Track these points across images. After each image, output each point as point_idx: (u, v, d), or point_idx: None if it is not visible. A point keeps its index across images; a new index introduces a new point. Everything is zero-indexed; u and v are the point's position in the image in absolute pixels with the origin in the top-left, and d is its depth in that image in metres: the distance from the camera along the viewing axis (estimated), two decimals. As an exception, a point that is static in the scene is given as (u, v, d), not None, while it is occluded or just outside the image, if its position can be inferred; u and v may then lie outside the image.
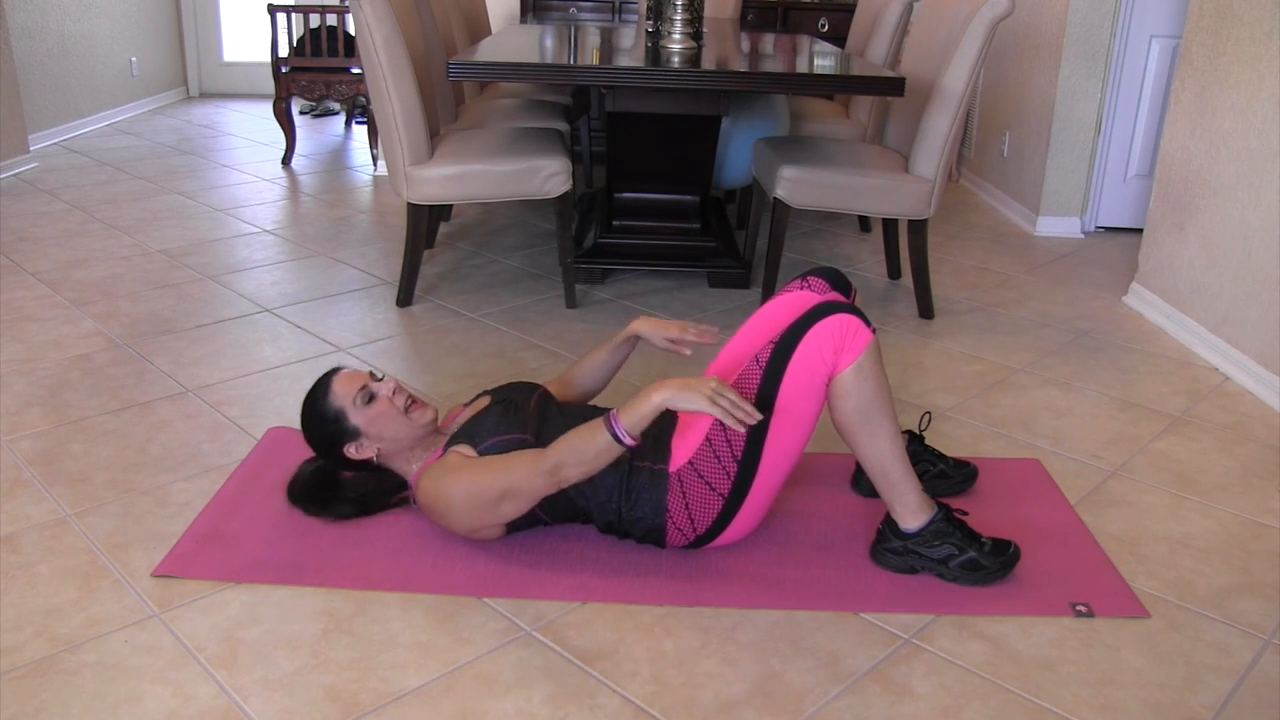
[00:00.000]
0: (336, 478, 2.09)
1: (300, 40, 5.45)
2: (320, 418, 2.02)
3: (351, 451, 2.02)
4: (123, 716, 1.55)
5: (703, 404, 1.72)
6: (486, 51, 3.27)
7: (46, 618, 1.76)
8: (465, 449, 1.94)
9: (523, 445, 1.92)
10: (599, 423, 1.77)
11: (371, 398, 2.01)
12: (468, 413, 2.13)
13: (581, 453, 1.78)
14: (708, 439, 1.88)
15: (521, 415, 2.00)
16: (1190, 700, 1.66)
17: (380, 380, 2.05)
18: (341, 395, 2.01)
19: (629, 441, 1.75)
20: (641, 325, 2.13)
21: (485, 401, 2.11)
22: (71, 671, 1.64)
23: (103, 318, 3.13)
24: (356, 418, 2.00)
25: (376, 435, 2.01)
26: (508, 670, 1.68)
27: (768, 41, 4.14)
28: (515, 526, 1.98)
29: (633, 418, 1.75)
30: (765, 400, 1.85)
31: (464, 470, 1.89)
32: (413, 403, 2.04)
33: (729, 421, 1.72)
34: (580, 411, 2.08)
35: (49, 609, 1.79)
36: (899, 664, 1.72)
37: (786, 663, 1.71)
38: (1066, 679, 1.70)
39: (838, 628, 1.81)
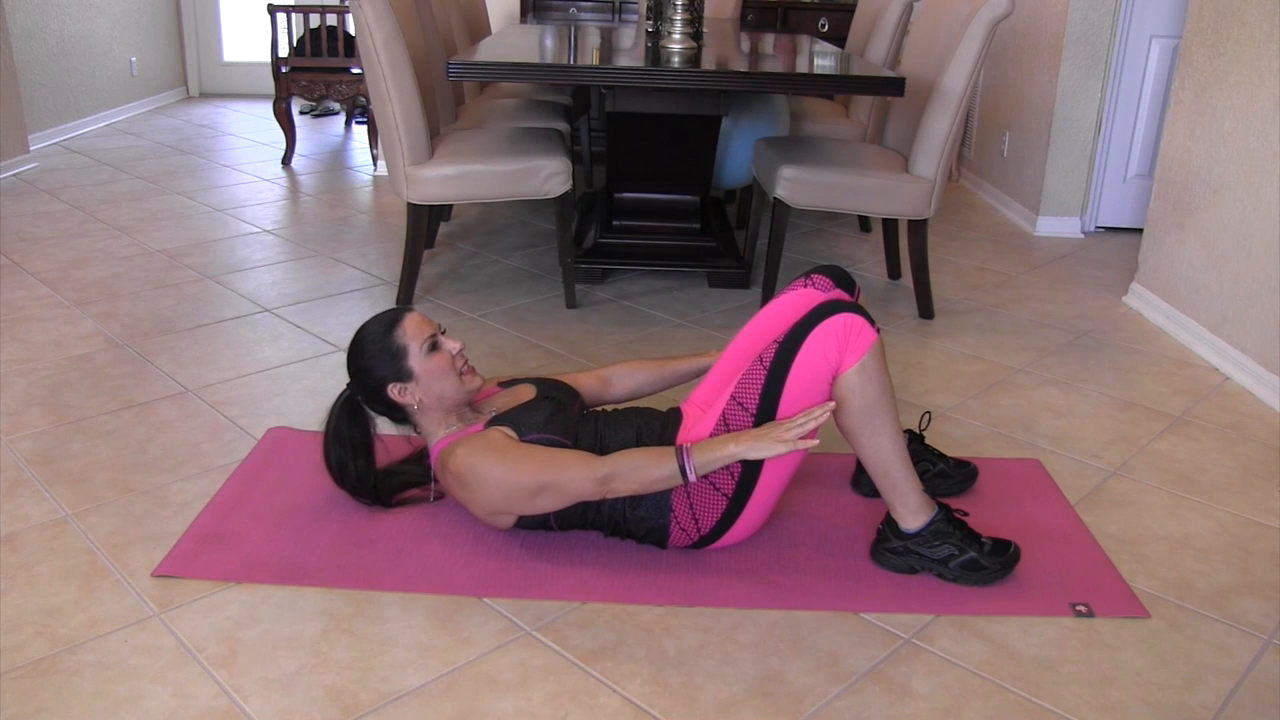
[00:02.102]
0: (366, 415, 2.05)
1: (300, 40, 5.45)
2: (379, 347, 1.97)
3: (394, 392, 1.98)
4: (123, 716, 1.55)
5: (781, 449, 1.79)
6: (486, 51, 3.27)
7: (46, 618, 1.76)
8: (509, 432, 1.93)
9: (564, 449, 1.92)
10: (669, 451, 1.81)
11: (435, 347, 1.98)
12: (505, 394, 2.12)
13: (642, 473, 1.81)
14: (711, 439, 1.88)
15: (568, 420, 2.00)
16: (1190, 700, 1.66)
17: (445, 335, 2.03)
18: (410, 334, 1.97)
19: (693, 479, 1.80)
20: (720, 356, 2.19)
21: (530, 392, 2.09)
22: (71, 671, 1.64)
23: (103, 318, 3.13)
24: (415, 362, 1.96)
25: (427, 386, 1.97)
26: (508, 670, 1.68)
27: (768, 41, 4.14)
28: (526, 524, 1.97)
29: (705, 458, 1.79)
30: (770, 399, 1.85)
31: (507, 451, 1.87)
32: (468, 368, 2.02)
33: (805, 445, 1.79)
34: (618, 429, 2.03)
35: (49, 609, 1.79)
36: (899, 664, 1.72)
37: (786, 663, 1.71)
38: (1066, 679, 1.70)
39: (838, 628, 1.81)
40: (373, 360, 1.98)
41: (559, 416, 1.98)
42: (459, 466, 1.91)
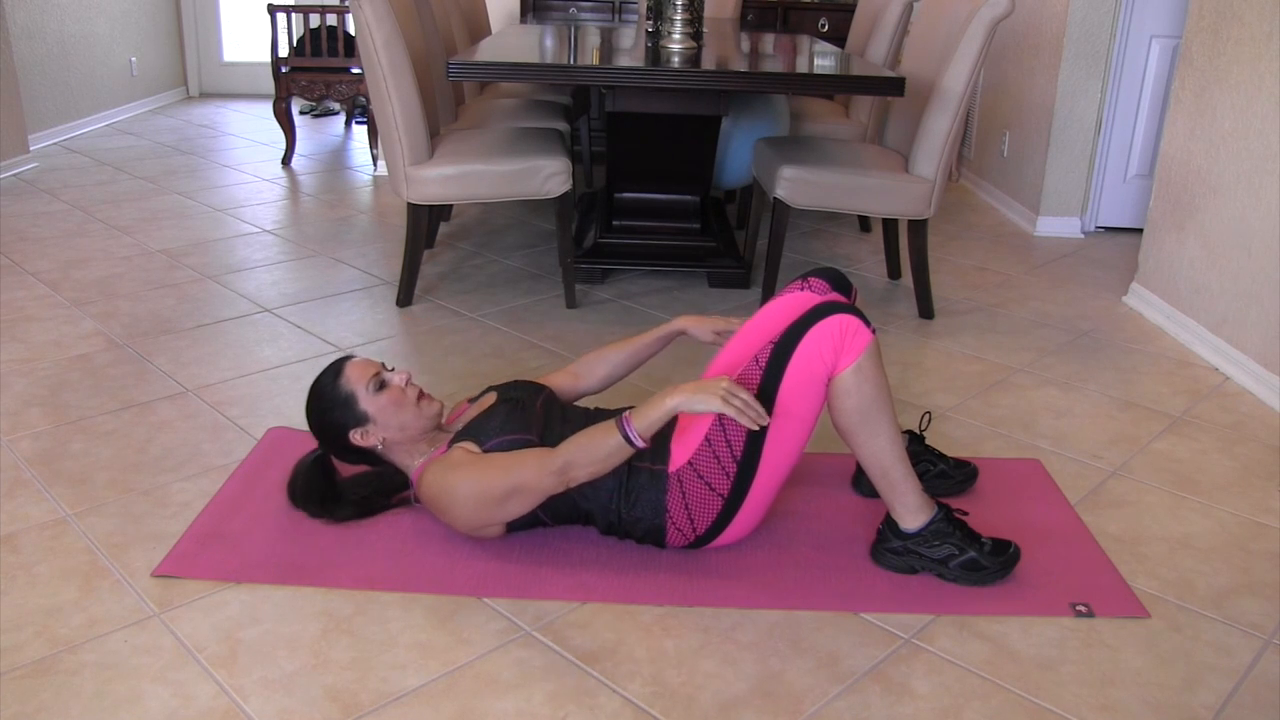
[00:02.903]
0: (336, 471, 2.09)
1: (300, 40, 5.45)
2: (330, 400, 2.01)
3: (357, 438, 2.01)
4: (123, 716, 1.55)
5: (716, 404, 1.74)
6: (486, 51, 3.27)
7: (46, 618, 1.76)
8: (470, 446, 1.94)
9: (527, 446, 1.92)
10: (610, 424, 1.79)
11: (383, 385, 2.02)
12: (473, 409, 2.13)
13: (592, 453, 1.80)
14: (707, 439, 1.88)
15: (527, 415, 2.00)
16: (1190, 700, 1.66)
17: (392, 371, 2.06)
18: (354, 380, 2.01)
19: (640, 443, 1.78)
20: (685, 321, 2.19)
21: (491, 398, 2.11)
22: (71, 671, 1.64)
23: (103, 318, 3.13)
24: (366, 404, 2.00)
25: (384, 423, 2.01)
26: (508, 670, 1.68)
27: (768, 41, 4.14)
28: (515, 526, 1.98)
29: (645, 420, 1.77)
30: (765, 400, 1.85)
31: (470, 466, 1.89)
32: (422, 395, 2.05)
33: (743, 420, 1.73)
34: (584, 415, 2.08)
35: (49, 609, 1.79)
36: (899, 664, 1.72)
37: (786, 663, 1.71)
38: (1066, 679, 1.70)
39: (838, 628, 1.81)
40: (327, 414, 2.02)
41: (517, 414, 1.99)
42: (429, 492, 1.94)
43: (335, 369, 2.05)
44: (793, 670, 1.70)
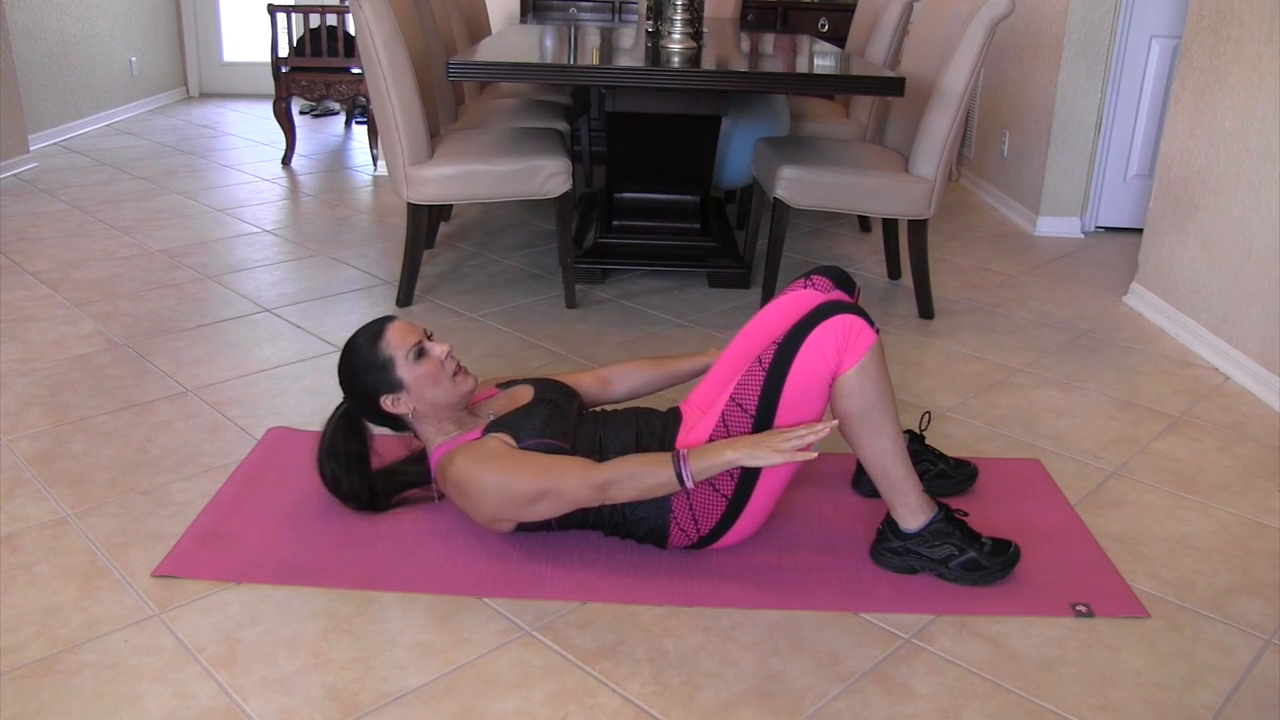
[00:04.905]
0: (364, 429, 2.06)
1: (300, 40, 5.45)
2: (366, 362, 1.96)
3: (388, 403, 1.97)
4: (123, 716, 1.55)
5: (776, 458, 1.76)
6: (486, 51, 3.27)
7: (46, 618, 1.76)
8: (507, 439, 1.92)
9: (561, 454, 1.91)
10: (666, 459, 1.80)
11: (422, 354, 1.97)
12: (503, 397, 2.11)
13: (640, 480, 1.81)
14: (711, 440, 1.88)
15: (565, 422, 1.99)
16: (1190, 700, 1.66)
17: (432, 339, 2.02)
18: (394, 344, 1.96)
19: (690, 486, 1.79)
20: (719, 354, 2.20)
21: (528, 393, 2.08)
22: (71, 671, 1.64)
23: (103, 318, 3.13)
24: (404, 371, 1.95)
25: (418, 394, 1.96)
26: (508, 670, 1.68)
27: (768, 41, 4.14)
28: (526, 527, 1.97)
29: (701, 465, 1.78)
30: (769, 400, 1.85)
31: (505, 459, 1.87)
32: (459, 369, 2.01)
33: (803, 458, 1.76)
34: (617, 430, 2.03)
35: (49, 609, 1.79)
36: (899, 664, 1.72)
37: (786, 663, 1.71)
38: (1066, 679, 1.70)
39: (838, 628, 1.81)
40: (362, 375, 1.98)
41: (557, 419, 1.98)
42: (458, 475, 1.91)
43: (376, 330, 1.98)
44: (793, 670, 1.70)
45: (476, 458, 1.89)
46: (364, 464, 2.06)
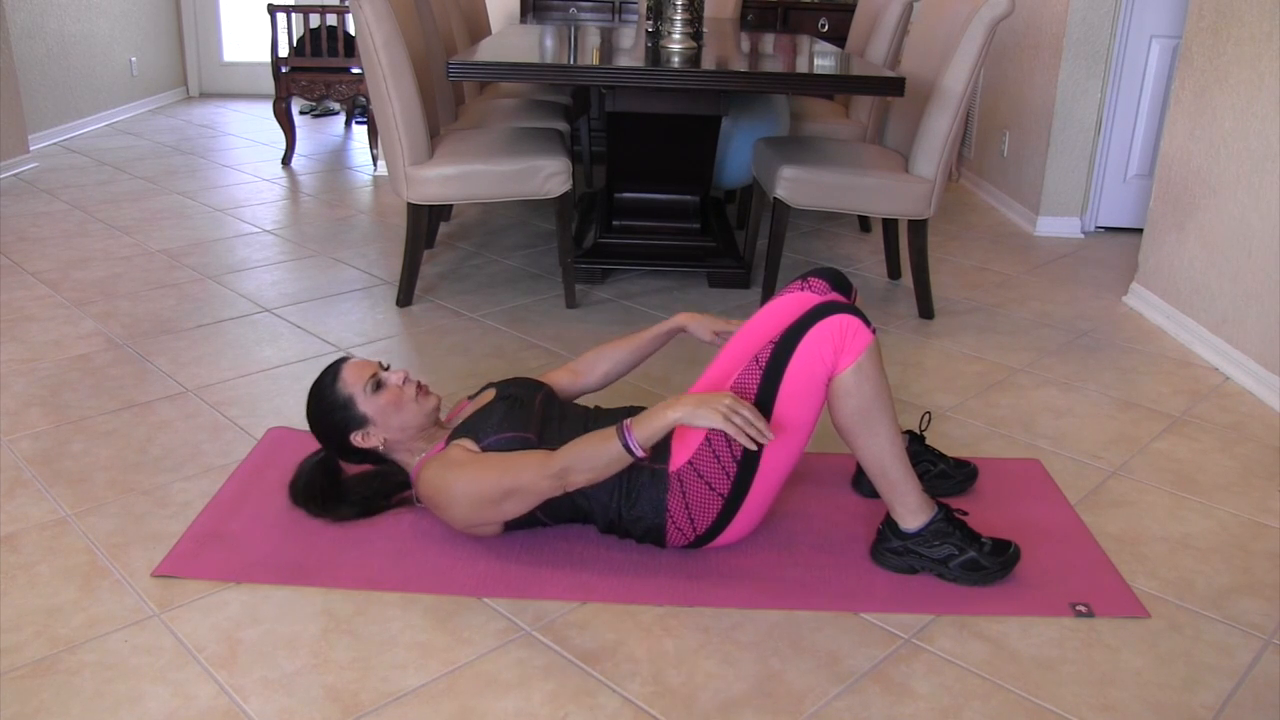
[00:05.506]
0: (339, 472, 2.10)
1: (300, 40, 5.45)
2: (329, 404, 2.02)
3: (358, 439, 2.02)
4: (123, 716, 1.55)
5: (718, 420, 1.73)
6: (486, 51, 3.27)
7: (46, 618, 1.76)
8: (468, 443, 1.94)
9: (525, 444, 1.92)
10: (611, 432, 1.79)
11: (380, 385, 2.02)
12: (471, 406, 2.13)
13: (591, 459, 1.80)
14: (707, 439, 1.88)
15: (526, 413, 2.00)
16: (1190, 700, 1.66)
17: (388, 370, 2.07)
18: (351, 382, 2.02)
19: (639, 453, 1.77)
20: (685, 318, 2.19)
21: (490, 395, 2.11)
22: (71, 671, 1.64)
23: (103, 318, 3.13)
24: (365, 405, 2.00)
25: (384, 424, 2.01)
26: (508, 670, 1.68)
27: (768, 41, 4.14)
28: (514, 525, 1.98)
29: (645, 431, 1.77)
30: (765, 400, 1.85)
31: (467, 465, 1.89)
32: (420, 389, 2.05)
33: (741, 440, 1.73)
34: (583, 415, 2.08)
35: (49, 609, 1.79)
36: (899, 664, 1.72)
37: (786, 663, 1.71)
38: (1066, 679, 1.70)
39: (838, 628, 1.81)
40: (328, 416, 2.03)
41: (516, 411, 1.99)
42: (428, 488, 1.94)
43: (333, 371, 2.06)
44: (793, 670, 1.70)
45: (440, 468, 1.92)
46: (340, 498, 2.07)
